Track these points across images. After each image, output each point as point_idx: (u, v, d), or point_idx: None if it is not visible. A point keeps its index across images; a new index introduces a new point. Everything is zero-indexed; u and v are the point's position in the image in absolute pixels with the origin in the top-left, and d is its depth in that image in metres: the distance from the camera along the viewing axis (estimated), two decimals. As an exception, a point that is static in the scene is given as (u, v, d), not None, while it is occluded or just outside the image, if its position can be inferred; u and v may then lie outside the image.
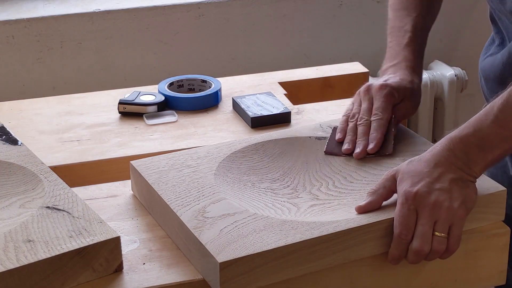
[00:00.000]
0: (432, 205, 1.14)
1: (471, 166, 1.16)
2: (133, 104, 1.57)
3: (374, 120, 1.31)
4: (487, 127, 1.16)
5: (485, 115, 1.17)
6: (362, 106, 1.34)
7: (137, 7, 2.15)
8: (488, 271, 1.24)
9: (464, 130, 1.18)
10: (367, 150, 1.30)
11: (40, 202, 1.18)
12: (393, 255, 1.15)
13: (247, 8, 2.21)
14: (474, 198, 1.17)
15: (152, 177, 1.24)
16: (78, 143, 1.48)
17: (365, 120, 1.32)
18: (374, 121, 1.31)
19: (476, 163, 1.17)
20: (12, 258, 1.06)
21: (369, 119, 1.32)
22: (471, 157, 1.16)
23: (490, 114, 1.16)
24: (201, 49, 2.21)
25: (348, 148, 1.31)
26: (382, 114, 1.32)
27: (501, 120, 1.15)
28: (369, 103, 1.33)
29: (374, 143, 1.30)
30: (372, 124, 1.31)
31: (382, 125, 1.31)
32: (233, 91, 1.67)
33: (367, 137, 1.31)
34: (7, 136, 1.36)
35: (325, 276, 1.14)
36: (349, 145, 1.31)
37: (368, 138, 1.31)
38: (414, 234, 1.14)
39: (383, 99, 1.33)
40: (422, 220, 1.14)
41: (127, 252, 1.16)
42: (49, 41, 2.11)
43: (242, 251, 1.08)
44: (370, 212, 1.16)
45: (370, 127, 1.31)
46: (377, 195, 1.17)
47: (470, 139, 1.17)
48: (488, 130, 1.16)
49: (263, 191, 1.25)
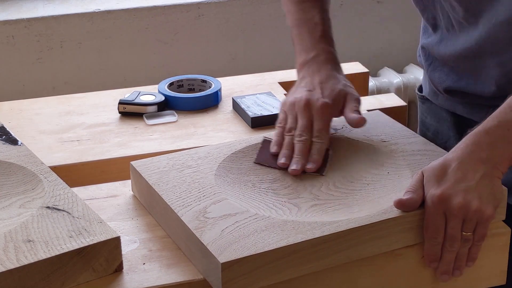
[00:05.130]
0: (458, 207, 1.13)
1: (497, 160, 1.15)
2: (133, 104, 1.57)
3: (317, 143, 1.29)
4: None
5: (508, 106, 1.17)
6: (300, 122, 1.31)
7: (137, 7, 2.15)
8: (488, 271, 1.23)
9: (488, 123, 1.17)
10: (306, 168, 1.28)
11: (40, 202, 1.18)
12: (428, 257, 1.17)
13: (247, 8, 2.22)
14: (500, 196, 1.17)
15: (153, 178, 1.24)
16: (78, 143, 1.48)
17: (305, 138, 1.29)
18: (316, 143, 1.29)
19: (502, 156, 1.16)
20: (12, 258, 1.05)
21: (308, 139, 1.30)
22: (497, 150, 1.15)
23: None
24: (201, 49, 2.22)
25: (284, 162, 1.29)
26: (324, 138, 1.30)
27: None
28: (308, 121, 1.30)
29: (315, 165, 1.28)
30: (315, 146, 1.29)
31: (323, 149, 1.30)
32: (233, 91, 1.67)
33: (305, 156, 1.29)
34: (7, 136, 1.35)
35: (327, 276, 1.14)
36: (286, 160, 1.29)
37: (307, 158, 1.29)
38: (445, 237, 1.14)
39: (325, 121, 1.31)
40: (450, 223, 1.14)
41: (127, 252, 1.16)
42: (49, 41, 2.11)
43: (244, 251, 1.07)
44: (409, 210, 1.15)
45: (309, 147, 1.29)
46: (417, 194, 1.16)
47: (496, 131, 1.16)
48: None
49: (263, 191, 1.24)
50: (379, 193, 1.22)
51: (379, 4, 2.34)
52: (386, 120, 1.41)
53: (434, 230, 1.14)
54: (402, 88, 2.34)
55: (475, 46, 1.31)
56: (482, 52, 1.31)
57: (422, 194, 1.16)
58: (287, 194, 1.24)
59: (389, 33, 2.39)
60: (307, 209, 1.20)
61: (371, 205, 1.19)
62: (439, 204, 1.13)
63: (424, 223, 1.15)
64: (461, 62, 1.36)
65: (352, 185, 1.26)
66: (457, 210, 1.13)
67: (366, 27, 2.35)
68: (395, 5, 2.36)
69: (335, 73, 1.37)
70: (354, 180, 1.27)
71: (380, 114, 1.43)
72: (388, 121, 1.40)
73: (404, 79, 2.35)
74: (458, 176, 1.14)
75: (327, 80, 1.35)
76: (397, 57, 2.42)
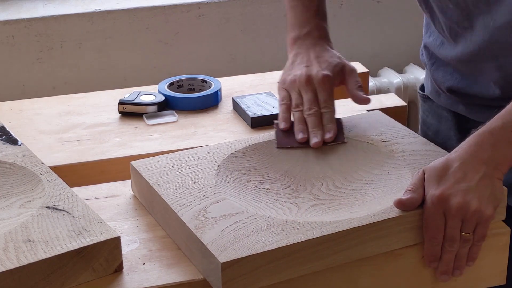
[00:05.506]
0: (457, 207, 1.13)
1: (499, 161, 1.15)
2: (133, 104, 1.57)
3: (326, 112, 1.33)
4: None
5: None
6: (306, 96, 1.34)
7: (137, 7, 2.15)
8: (488, 271, 1.23)
9: (492, 124, 1.17)
10: (325, 138, 1.31)
11: (40, 202, 1.18)
12: (428, 257, 1.17)
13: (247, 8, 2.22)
14: (501, 197, 1.16)
15: (153, 178, 1.24)
16: (78, 143, 1.48)
17: (314, 111, 1.33)
18: (326, 113, 1.33)
19: (504, 157, 1.16)
20: (12, 258, 1.05)
21: (318, 110, 1.33)
22: (499, 151, 1.15)
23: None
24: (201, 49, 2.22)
25: (303, 137, 1.32)
26: (331, 107, 1.34)
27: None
28: (312, 94, 1.34)
29: (332, 132, 1.32)
30: (325, 116, 1.33)
31: (333, 117, 1.34)
32: (233, 91, 1.67)
33: (320, 127, 1.32)
34: (7, 136, 1.35)
35: (327, 276, 1.14)
36: (304, 134, 1.32)
37: (322, 128, 1.32)
38: (444, 237, 1.14)
39: (328, 91, 1.34)
40: (449, 223, 1.14)
41: (127, 252, 1.16)
42: (49, 41, 2.11)
43: (244, 251, 1.07)
44: (409, 209, 1.15)
45: (321, 118, 1.33)
46: (417, 193, 1.16)
47: (500, 132, 1.16)
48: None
49: (263, 191, 1.25)
50: (379, 193, 1.23)
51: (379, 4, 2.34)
52: (386, 120, 1.41)
53: (434, 230, 1.14)
54: (402, 88, 2.34)
55: (474, 50, 1.31)
56: (482, 56, 1.31)
57: (422, 193, 1.16)
58: (287, 194, 1.24)
59: (389, 33, 2.39)
60: (307, 209, 1.20)
61: (371, 205, 1.19)
62: (439, 204, 1.13)
63: (423, 223, 1.15)
64: (462, 65, 1.36)
65: (352, 185, 1.26)
66: (456, 210, 1.13)
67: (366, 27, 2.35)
68: (395, 5, 2.36)
69: (329, 48, 1.40)
70: (354, 180, 1.27)
71: (380, 114, 1.43)
72: (388, 121, 1.40)
73: (404, 79, 2.35)
74: (458, 176, 1.14)
75: (322, 54, 1.38)
76: (397, 57, 2.42)
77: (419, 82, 2.34)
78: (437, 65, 1.42)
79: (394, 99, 1.66)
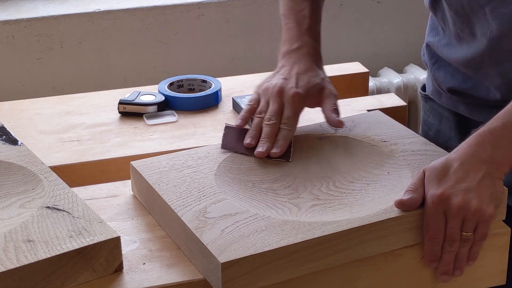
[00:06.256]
0: (457, 207, 1.13)
1: (500, 160, 1.15)
2: (133, 104, 1.57)
3: (284, 129, 1.32)
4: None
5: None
6: (271, 107, 1.34)
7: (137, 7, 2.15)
8: (488, 271, 1.23)
9: (492, 123, 1.17)
10: (270, 152, 1.31)
11: (40, 202, 1.18)
12: (428, 257, 1.17)
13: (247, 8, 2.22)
14: (501, 196, 1.17)
15: (153, 178, 1.24)
16: (78, 143, 1.48)
17: (273, 122, 1.32)
18: (283, 130, 1.32)
19: (505, 157, 1.16)
20: (12, 258, 1.05)
21: (277, 124, 1.32)
22: (500, 151, 1.15)
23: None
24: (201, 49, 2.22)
25: (250, 142, 1.32)
26: (291, 125, 1.33)
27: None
28: (278, 107, 1.33)
29: (280, 149, 1.31)
30: (281, 132, 1.32)
31: (290, 136, 1.32)
32: (233, 91, 1.67)
33: (272, 140, 1.31)
34: (7, 136, 1.35)
35: (327, 276, 1.14)
36: (251, 140, 1.32)
37: (273, 142, 1.31)
38: (444, 237, 1.14)
39: (295, 110, 1.34)
40: (450, 223, 1.14)
41: (127, 252, 1.16)
42: (49, 41, 2.11)
43: (244, 251, 1.07)
44: (410, 209, 1.15)
45: (276, 132, 1.32)
46: (418, 193, 1.16)
47: (500, 132, 1.16)
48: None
49: (263, 191, 1.25)
50: (379, 193, 1.23)
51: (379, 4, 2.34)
52: (386, 120, 1.41)
53: (434, 230, 1.14)
54: (402, 88, 2.34)
55: (477, 56, 1.31)
56: (485, 62, 1.31)
57: (422, 193, 1.16)
58: (287, 194, 1.24)
59: (389, 33, 2.39)
60: (307, 209, 1.20)
61: (371, 205, 1.19)
62: (439, 204, 1.13)
63: (424, 223, 1.15)
64: (466, 67, 1.36)
65: (352, 185, 1.26)
66: (457, 210, 1.13)
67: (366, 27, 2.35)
68: (395, 5, 2.36)
69: (315, 67, 1.39)
70: (354, 180, 1.27)
71: (380, 114, 1.43)
72: (388, 121, 1.40)
73: (404, 79, 2.35)
74: (459, 176, 1.14)
75: (305, 72, 1.37)
76: (397, 57, 2.42)
77: (419, 82, 2.34)
78: (439, 65, 1.43)
79: (394, 99, 1.66)
